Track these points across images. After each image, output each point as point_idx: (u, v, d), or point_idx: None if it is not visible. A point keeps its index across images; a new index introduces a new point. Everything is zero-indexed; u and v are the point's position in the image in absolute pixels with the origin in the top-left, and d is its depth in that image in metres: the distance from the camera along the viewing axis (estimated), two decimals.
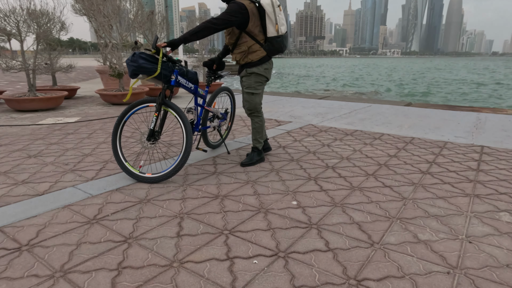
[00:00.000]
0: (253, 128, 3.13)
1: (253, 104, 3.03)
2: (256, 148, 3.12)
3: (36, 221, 2.00)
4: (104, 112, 5.93)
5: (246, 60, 2.91)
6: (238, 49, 2.90)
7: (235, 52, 2.94)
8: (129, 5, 7.55)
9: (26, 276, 1.50)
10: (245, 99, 3.06)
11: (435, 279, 1.50)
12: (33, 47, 6.13)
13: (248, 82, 2.99)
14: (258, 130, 3.12)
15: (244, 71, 2.98)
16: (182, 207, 2.20)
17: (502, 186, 2.59)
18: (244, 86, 3.03)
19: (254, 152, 3.11)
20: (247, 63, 2.93)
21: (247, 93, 3.03)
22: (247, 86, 3.00)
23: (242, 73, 3.01)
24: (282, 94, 8.60)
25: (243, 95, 3.08)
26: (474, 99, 20.16)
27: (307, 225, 1.97)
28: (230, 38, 2.89)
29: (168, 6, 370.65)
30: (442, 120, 5.14)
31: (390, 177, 2.76)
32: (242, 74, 3.01)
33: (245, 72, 2.97)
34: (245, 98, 3.06)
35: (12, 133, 4.30)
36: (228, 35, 2.90)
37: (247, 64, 2.94)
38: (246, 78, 2.99)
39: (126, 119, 2.73)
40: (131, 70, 2.51)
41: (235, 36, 2.86)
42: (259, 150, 3.13)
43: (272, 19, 2.80)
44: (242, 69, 3.01)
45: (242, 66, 2.99)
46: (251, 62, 2.92)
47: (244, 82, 3.02)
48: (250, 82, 2.99)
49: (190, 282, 1.47)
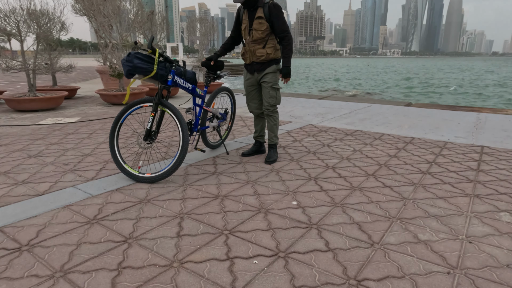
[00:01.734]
0: (273, 125, 3.19)
1: (279, 99, 3.13)
2: (275, 145, 3.23)
3: (36, 221, 2.00)
4: (104, 112, 5.93)
5: (274, 55, 3.00)
6: (270, 44, 2.98)
7: (267, 47, 2.98)
8: (129, 5, 7.55)
9: (26, 276, 1.50)
10: (272, 96, 3.09)
11: (435, 279, 1.49)
12: (33, 47, 6.13)
13: (274, 79, 3.07)
14: (277, 126, 3.21)
15: (273, 67, 3.04)
16: (182, 207, 2.20)
17: (502, 186, 2.59)
18: (270, 82, 3.05)
19: (273, 149, 3.21)
20: (274, 59, 3.03)
21: (274, 89, 3.08)
22: (274, 82, 3.06)
23: (269, 69, 3.04)
24: (282, 94, 8.61)
25: (270, 92, 3.08)
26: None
27: (307, 225, 1.97)
28: (262, 33, 2.93)
29: (168, 6, 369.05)
30: (442, 120, 5.14)
31: (390, 177, 2.76)
32: (269, 70, 3.04)
33: (274, 67, 3.04)
34: (272, 95, 3.09)
35: (12, 133, 4.30)
36: (262, 31, 2.92)
37: (274, 61, 3.04)
38: (272, 75, 3.05)
39: (123, 120, 2.73)
40: (126, 70, 2.51)
41: (267, 32, 2.93)
42: (276, 147, 3.24)
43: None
44: (264, 67, 3.04)
45: (266, 64, 3.03)
46: (277, 58, 3.04)
47: (269, 79, 3.05)
48: (275, 79, 3.08)
49: (190, 282, 1.47)
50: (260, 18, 2.89)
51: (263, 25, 2.90)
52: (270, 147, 3.23)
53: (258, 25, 2.91)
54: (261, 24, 2.90)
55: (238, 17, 3.11)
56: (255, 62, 3.06)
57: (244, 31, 3.04)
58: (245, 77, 3.23)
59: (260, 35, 2.94)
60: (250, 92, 3.24)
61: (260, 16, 2.89)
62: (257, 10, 2.91)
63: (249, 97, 3.27)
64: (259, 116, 3.35)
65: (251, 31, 2.97)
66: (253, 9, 2.93)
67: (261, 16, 2.89)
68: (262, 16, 2.89)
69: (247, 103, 3.31)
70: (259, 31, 2.93)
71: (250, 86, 3.20)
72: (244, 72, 3.25)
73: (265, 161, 3.11)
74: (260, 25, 2.90)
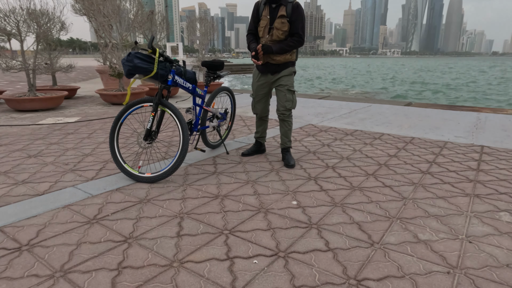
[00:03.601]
0: (287, 130, 3.09)
1: (295, 102, 3.04)
2: (289, 148, 3.15)
3: (36, 221, 2.00)
4: (104, 112, 5.93)
5: (290, 57, 2.93)
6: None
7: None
8: (129, 5, 7.55)
9: (26, 276, 1.50)
10: (289, 99, 2.99)
11: (435, 279, 1.49)
12: (33, 47, 6.13)
13: (291, 81, 3.00)
14: (291, 130, 3.15)
15: (289, 69, 2.97)
16: (182, 207, 2.20)
17: (502, 186, 2.59)
18: (287, 85, 2.97)
19: (289, 152, 3.13)
20: (291, 61, 2.97)
21: (291, 92, 2.99)
22: (290, 85, 2.99)
23: (285, 71, 2.96)
24: None
25: (286, 95, 2.97)
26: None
27: (307, 225, 1.97)
28: (283, 34, 2.83)
29: (168, 6, 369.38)
30: (442, 120, 5.14)
31: (390, 177, 2.76)
32: (285, 73, 2.96)
33: (290, 70, 2.98)
34: (289, 98, 2.99)
35: (12, 133, 4.30)
36: (283, 31, 2.81)
37: (291, 63, 2.98)
38: (289, 77, 2.98)
39: (123, 120, 2.73)
40: (127, 70, 2.51)
41: (287, 33, 2.84)
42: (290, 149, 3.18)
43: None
44: (280, 68, 2.96)
45: (282, 65, 2.95)
46: (293, 60, 2.99)
47: (285, 81, 2.97)
48: (292, 82, 3.00)
49: (190, 282, 1.47)
50: (283, 17, 2.76)
51: (285, 25, 2.77)
52: (285, 150, 3.12)
53: (280, 25, 2.77)
54: (283, 24, 2.77)
55: (257, 13, 2.92)
56: (270, 63, 2.93)
57: (264, 29, 2.86)
58: (256, 78, 3.10)
59: (280, 35, 2.81)
60: (259, 93, 3.12)
61: (283, 15, 2.75)
62: (280, 8, 2.77)
63: (257, 98, 3.16)
64: (262, 118, 3.27)
65: (272, 30, 2.82)
66: (276, 6, 2.79)
67: (284, 15, 2.75)
68: (285, 15, 2.75)
69: (254, 104, 3.20)
70: (280, 31, 2.79)
71: (260, 87, 3.09)
72: (255, 72, 3.12)
73: (288, 165, 2.98)
74: (282, 24, 2.77)
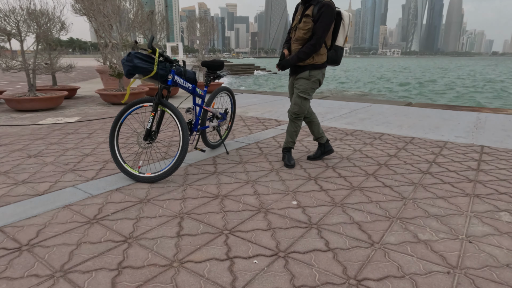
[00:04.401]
0: (293, 131, 3.01)
1: (303, 109, 2.90)
2: (290, 149, 3.08)
3: (36, 221, 2.00)
4: (104, 112, 5.93)
5: (310, 61, 2.80)
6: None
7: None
8: (129, 5, 7.55)
9: (26, 276, 1.50)
10: (296, 103, 2.89)
11: (435, 279, 1.49)
12: (33, 47, 6.13)
13: (305, 86, 2.85)
14: (297, 133, 3.03)
15: (306, 73, 2.83)
16: (182, 207, 2.20)
17: (502, 186, 2.59)
18: (299, 89, 2.87)
19: (288, 152, 3.07)
20: (311, 64, 2.81)
21: (300, 97, 2.87)
22: (302, 90, 2.86)
23: (302, 74, 2.85)
24: (282, 94, 8.60)
25: (295, 99, 2.90)
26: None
27: (307, 225, 1.97)
28: (305, 34, 2.74)
29: (168, 6, 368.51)
30: (442, 120, 5.14)
31: (390, 177, 2.76)
32: (303, 75, 2.85)
33: (307, 74, 2.83)
34: (296, 102, 2.89)
35: (12, 133, 4.30)
36: (305, 30, 2.73)
37: (311, 66, 2.81)
38: (304, 82, 2.85)
39: (122, 120, 2.73)
40: (126, 70, 2.51)
41: (310, 33, 2.73)
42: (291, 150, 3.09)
43: (345, 31, 2.79)
44: (299, 70, 2.87)
45: (300, 67, 2.85)
46: (315, 64, 2.81)
47: (299, 84, 2.87)
48: (306, 87, 2.85)
49: (190, 282, 1.47)
50: (307, 16, 2.70)
51: (307, 24, 2.70)
52: (286, 150, 3.08)
53: (303, 24, 2.73)
54: (305, 23, 2.70)
55: (294, 14, 2.93)
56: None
57: (292, 29, 2.88)
58: (289, 78, 3.07)
59: (302, 34, 2.75)
60: (291, 94, 3.09)
61: (308, 14, 2.70)
62: (309, 8, 2.72)
63: (291, 98, 3.10)
64: (305, 118, 3.15)
65: (296, 29, 2.80)
66: (307, 6, 2.75)
67: (309, 14, 2.69)
68: (310, 14, 2.69)
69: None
70: (302, 30, 2.74)
71: (290, 87, 3.07)
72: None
73: (285, 164, 2.99)
74: (304, 24, 2.71)
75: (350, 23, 2.82)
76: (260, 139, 3.98)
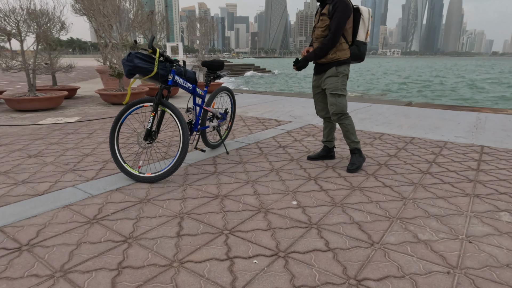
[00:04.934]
0: (346, 131, 2.93)
1: (341, 106, 2.85)
2: (356, 150, 2.96)
3: (36, 221, 2.00)
4: (104, 112, 5.93)
5: (333, 56, 2.78)
6: None
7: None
8: (129, 5, 7.55)
9: (26, 276, 1.50)
10: (332, 103, 2.85)
11: (435, 279, 1.49)
12: (33, 47, 6.13)
13: (335, 84, 2.82)
14: (351, 132, 2.92)
15: (332, 70, 2.81)
16: (182, 207, 2.20)
17: (502, 186, 2.59)
18: (330, 88, 2.84)
19: (355, 154, 2.95)
20: (336, 60, 2.79)
21: (334, 95, 2.83)
22: (333, 88, 2.82)
23: (328, 72, 2.83)
24: (282, 94, 8.60)
25: (330, 99, 2.86)
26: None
27: (307, 225, 1.97)
28: (323, 31, 2.75)
29: (168, 6, 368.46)
30: (442, 120, 5.14)
31: (390, 177, 2.76)
32: (330, 73, 2.82)
33: (334, 70, 2.81)
34: (332, 102, 2.85)
35: (12, 133, 4.30)
36: (323, 28, 2.75)
37: (335, 62, 2.80)
38: (334, 79, 2.82)
39: (123, 120, 2.73)
40: (127, 70, 2.51)
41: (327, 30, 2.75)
42: (359, 151, 2.97)
43: (365, 25, 2.79)
44: (323, 68, 2.86)
45: (324, 65, 2.84)
46: (339, 60, 2.80)
47: (329, 84, 2.84)
48: (336, 84, 2.82)
49: (190, 282, 1.47)
50: (323, 14, 2.73)
51: (324, 22, 2.73)
52: (352, 152, 2.97)
53: (320, 22, 2.76)
54: (322, 21, 2.74)
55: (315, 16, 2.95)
56: (317, 62, 2.89)
57: (312, 29, 2.90)
58: (313, 78, 3.07)
59: (320, 32, 2.76)
60: (315, 94, 3.07)
61: (324, 13, 2.73)
62: (325, 7, 2.75)
63: (315, 99, 3.10)
64: (326, 120, 3.15)
65: (315, 29, 2.82)
66: (323, 5, 2.78)
67: (325, 13, 2.72)
68: (325, 13, 2.72)
69: (315, 105, 3.15)
70: (320, 29, 2.76)
71: (314, 87, 3.05)
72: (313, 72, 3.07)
73: (347, 169, 2.88)
74: (321, 22, 2.74)
75: (371, 18, 2.82)
76: (260, 139, 3.98)
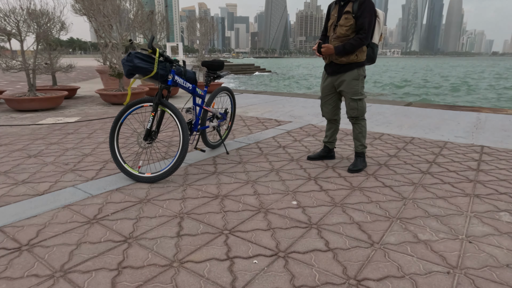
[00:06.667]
0: (359, 133, 2.91)
1: (362, 110, 2.84)
2: (362, 154, 2.95)
3: (36, 221, 2.00)
4: (104, 112, 5.93)
5: (356, 58, 2.73)
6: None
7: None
8: (129, 5, 7.55)
9: (26, 276, 1.50)
10: (353, 108, 2.83)
11: (435, 279, 1.50)
12: (33, 47, 6.13)
13: (355, 88, 2.79)
14: (363, 134, 2.92)
15: (354, 73, 2.77)
16: (182, 207, 2.20)
17: (502, 186, 2.59)
18: (349, 93, 2.80)
19: (360, 158, 2.94)
20: (356, 62, 2.75)
21: (356, 100, 2.81)
22: (353, 92, 2.79)
23: (349, 74, 2.78)
24: (282, 94, 8.60)
25: (350, 104, 2.83)
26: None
27: (307, 225, 1.97)
28: (347, 30, 2.68)
29: (168, 6, 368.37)
30: (442, 120, 5.14)
31: (390, 177, 2.76)
32: (348, 77, 2.78)
33: (356, 73, 2.77)
34: (353, 107, 2.82)
35: (12, 133, 4.30)
36: (347, 26, 2.68)
37: (356, 64, 2.75)
38: (354, 83, 2.78)
39: (122, 120, 2.73)
40: (127, 70, 2.52)
41: (352, 29, 2.68)
42: (364, 156, 2.97)
43: (380, 28, 2.77)
44: (342, 69, 2.79)
45: (344, 66, 2.78)
46: (359, 62, 2.75)
47: (349, 88, 2.80)
48: (357, 88, 2.79)
49: (190, 282, 1.47)
50: (347, 13, 2.66)
51: (349, 21, 2.65)
52: (357, 155, 2.95)
53: (344, 21, 2.68)
54: (347, 20, 2.66)
55: (328, 14, 2.89)
56: (334, 62, 2.81)
57: (330, 27, 2.81)
58: (322, 78, 2.99)
59: (344, 31, 2.68)
60: (325, 95, 3.00)
61: (348, 11, 2.66)
62: (347, 5, 2.69)
63: (323, 101, 3.03)
64: (331, 121, 3.12)
65: (336, 27, 2.74)
66: (344, 3, 2.72)
67: (349, 11, 2.66)
68: (350, 11, 2.66)
69: (321, 106, 3.09)
70: (344, 27, 2.68)
71: (325, 88, 2.97)
72: (323, 73, 3.01)
73: (348, 169, 2.86)
74: (346, 20, 2.66)
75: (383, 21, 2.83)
76: (260, 139, 3.98)
